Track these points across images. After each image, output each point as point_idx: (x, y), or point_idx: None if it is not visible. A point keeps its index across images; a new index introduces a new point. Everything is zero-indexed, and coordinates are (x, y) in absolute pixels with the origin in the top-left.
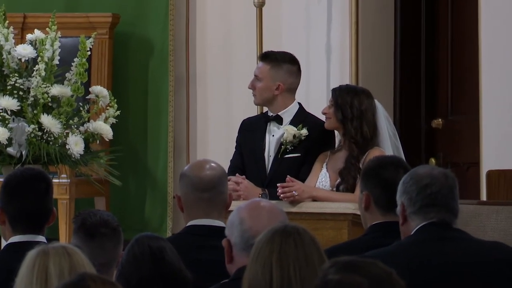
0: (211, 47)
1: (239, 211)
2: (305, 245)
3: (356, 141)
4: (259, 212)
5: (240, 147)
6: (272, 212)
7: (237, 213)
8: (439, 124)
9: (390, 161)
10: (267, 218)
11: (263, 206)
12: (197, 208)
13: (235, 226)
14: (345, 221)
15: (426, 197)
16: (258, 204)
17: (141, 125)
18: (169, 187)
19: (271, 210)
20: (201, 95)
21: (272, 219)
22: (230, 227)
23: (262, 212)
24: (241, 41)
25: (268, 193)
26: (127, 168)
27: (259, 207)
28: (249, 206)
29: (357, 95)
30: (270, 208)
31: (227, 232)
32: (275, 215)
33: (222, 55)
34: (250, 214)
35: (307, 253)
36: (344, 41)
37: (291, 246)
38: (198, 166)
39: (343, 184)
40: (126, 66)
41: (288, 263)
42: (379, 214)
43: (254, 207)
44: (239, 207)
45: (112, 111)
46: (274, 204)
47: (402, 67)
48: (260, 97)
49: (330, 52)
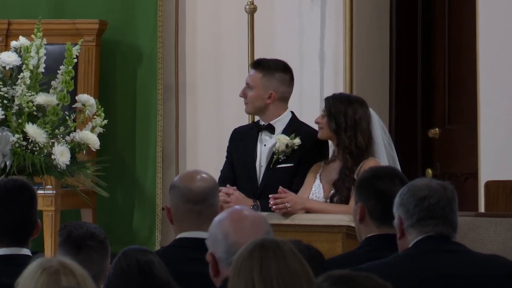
0: (201, 55)
1: (222, 224)
2: (286, 258)
3: (350, 152)
4: (243, 224)
5: (231, 157)
6: (256, 223)
7: (219, 226)
8: (436, 133)
9: (386, 171)
10: (251, 230)
11: (246, 216)
12: (187, 221)
13: (219, 241)
14: (339, 234)
15: (424, 209)
16: (240, 215)
17: (129, 134)
18: (158, 199)
19: (254, 220)
20: (191, 103)
21: (256, 229)
22: (213, 241)
23: (246, 224)
24: (232, 48)
25: (259, 205)
26: (115, 179)
27: (241, 218)
28: (232, 218)
29: (351, 104)
30: (253, 218)
31: (210, 245)
32: (259, 225)
33: (212, 63)
34: (234, 228)
35: (289, 265)
36: (338, 48)
37: (271, 260)
38: (189, 177)
39: (337, 195)
40: (114, 74)
41: (270, 277)
42: (374, 226)
43: (236, 219)
44: (220, 219)
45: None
46: (256, 213)
47: (397, 75)
48: (252, 106)
49: (324, 59)
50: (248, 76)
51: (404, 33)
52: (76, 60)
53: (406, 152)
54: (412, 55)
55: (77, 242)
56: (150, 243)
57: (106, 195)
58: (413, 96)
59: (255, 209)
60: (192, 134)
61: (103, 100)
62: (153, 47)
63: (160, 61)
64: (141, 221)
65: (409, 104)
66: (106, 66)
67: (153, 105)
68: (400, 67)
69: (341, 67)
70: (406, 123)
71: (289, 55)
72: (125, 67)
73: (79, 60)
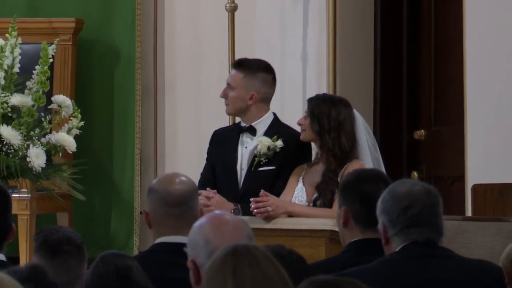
0: (181, 54)
1: (202, 229)
2: (260, 264)
3: (334, 154)
4: (224, 229)
5: (211, 159)
6: (237, 227)
7: (199, 231)
8: (421, 135)
9: (370, 174)
10: (232, 234)
11: (227, 221)
12: (166, 225)
13: (200, 247)
14: (322, 238)
15: (407, 219)
16: (221, 220)
17: (106, 136)
18: (136, 202)
19: (235, 225)
20: (170, 104)
21: (237, 234)
22: (193, 248)
23: (227, 229)
24: (213, 47)
25: (240, 209)
26: (92, 182)
27: (222, 223)
28: (212, 223)
29: (335, 105)
30: (234, 223)
31: (190, 252)
32: (241, 230)
33: (192, 63)
34: (215, 233)
35: (264, 271)
36: (321, 48)
37: (245, 267)
38: (168, 180)
39: (320, 199)
40: (91, 74)
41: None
42: (358, 230)
43: (217, 224)
44: (200, 224)
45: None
46: (237, 218)
47: (382, 75)
48: (233, 107)
49: (306, 59)
50: (229, 76)
51: (389, 32)
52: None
53: (391, 154)
54: (397, 55)
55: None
56: (128, 248)
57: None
58: (398, 97)
59: (236, 213)
60: (171, 135)
61: (79, 101)
62: (131, 47)
63: (138, 61)
64: (119, 225)
65: (394, 105)
66: (83, 66)
67: (131, 106)
68: (385, 66)
69: (324, 66)
70: (391, 124)
71: (271, 54)
72: (102, 67)
73: (55, 60)
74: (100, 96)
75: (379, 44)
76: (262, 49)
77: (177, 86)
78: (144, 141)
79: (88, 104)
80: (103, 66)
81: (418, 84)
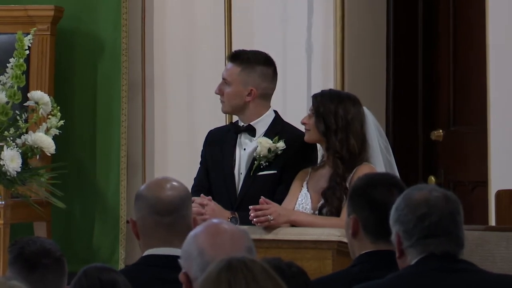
0: (172, 46)
1: (196, 239)
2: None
3: (341, 156)
4: (221, 239)
5: (205, 162)
6: (236, 238)
7: (194, 241)
8: (439, 136)
9: (382, 179)
10: (230, 245)
11: (224, 230)
12: (155, 235)
13: (193, 258)
14: (329, 250)
15: (424, 229)
16: (217, 228)
17: (89, 137)
18: (121, 210)
19: (234, 235)
20: (160, 102)
21: (236, 245)
22: (187, 259)
23: (224, 239)
24: (207, 38)
25: (238, 217)
26: (73, 188)
27: (219, 232)
28: (208, 232)
29: (342, 102)
30: (233, 232)
31: (183, 264)
32: (239, 241)
33: (184, 55)
34: (211, 243)
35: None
36: (328, 39)
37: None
38: (157, 186)
39: (326, 206)
40: (71, 68)
41: None
42: (369, 241)
43: (213, 233)
44: (195, 233)
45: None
46: (236, 227)
47: (395, 69)
48: (229, 104)
49: (311, 51)
50: (224, 70)
51: (403, 21)
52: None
53: (406, 157)
54: (412, 46)
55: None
56: (113, 261)
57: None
58: (413, 93)
59: (233, 222)
60: (161, 136)
61: (59, 98)
62: (116, 37)
63: (124, 53)
64: (103, 236)
65: (408, 102)
66: (63, 58)
67: (116, 103)
68: (398, 59)
69: (331, 60)
70: (406, 124)
71: (272, 46)
72: (84, 60)
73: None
74: (82, 92)
75: (391, 35)
76: (261, 40)
77: (168, 81)
78: (131, 142)
79: (69, 101)
80: (85, 58)
81: (435, 80)
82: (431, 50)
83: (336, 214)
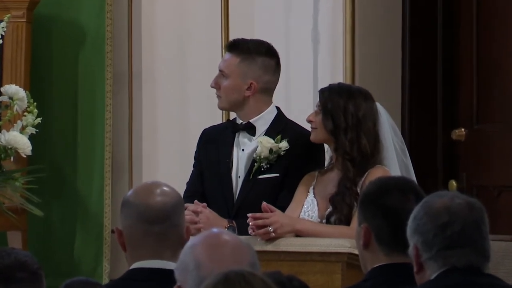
0: (162, 35)
1: (194, 249)
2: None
3: (352, 158)
4: (221, 252)
5: (199, 165)
6: (237, 250)
7: (191, 252)
8: (461, 135)
9: (397, 183)
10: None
11: (225, 242)
12: (144, 246)
13: (189, 271)
14: (338, 263)
15: (446, 238)
16: (218, 239)
17: (70, 136)
18: (106, 219)
19: (236, 247)
20: (149, 96)
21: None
22: (182, 272)
23: (225, 252)
24: (202, 26)
25: (236, 226)
26: (51, 193)
27: (219, 244)
28: (207, 243)
29: (353, 97)
30: (234, 244)
31: (178, 276)
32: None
33: (176, 45)
34: (210, 255)
35: None
36: (337, 27)
37: None
38: (146, 191)
39: (335, 214)
40: (50, 59)
41: None
42: (383, 253)
43: (213, 244)
44: (193, 243)
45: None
46: (237, 238)
47: (412, 61)
48: (227, 100)
49: (318, 40)
50: (222, 61)
51: (421, 8)
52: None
53: (424, 159)
54: (431, 36)
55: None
56: (96, 275)
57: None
58: (432, 88)
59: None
60: (150, 135)
61: (36, 93)
62: (100, 25)
63: (108, 42)
64: (85, 247)
65: (426, 98)
66: (40, 49)
67: (100, 98)
68: (415, 50)
69: (340, 50)
70: (423, 122)
71: (274, 35)
72: (64, 50)
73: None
74: (61, 87)
75: (407, 22)
76: (262, 28)
77: (158, 73)
78: (117, 142)
79: (47, 96)
80: (65, 48)
81: (457, 72)
82: (452, 40)
83: (346, 222)
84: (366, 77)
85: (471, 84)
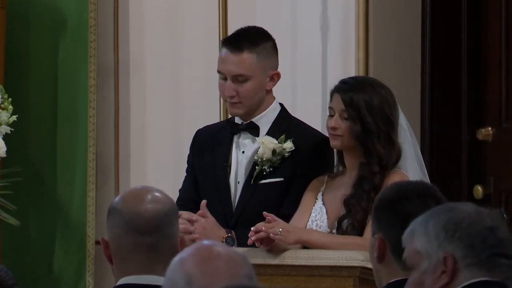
0: (152, 23)
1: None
2: None
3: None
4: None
5: (193, 170)
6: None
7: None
8: (488, 135)
9: (415, 189)
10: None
11: (218, 253)
12: (133, 259)
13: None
14: (350, 278)
15: (498, 244)
16: (210, 251)
17: (49, 136)
18: (89, 228)
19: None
20: (137, 92)
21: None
22: None
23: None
24: (196, 13)
25: (235, 237)
26: (28, 200)
27: (212, 256)
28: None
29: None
30: (229, 257)
31: None
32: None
33: (167, 35)
34: (201, 270)
35: None
36: (348, 14)
37: None
38: (135, 198)
39: (348, 218)
40: (26, 50)
41: None
42: (399, 267)
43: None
44: (182, 257)
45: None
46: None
47: (433, 53)
48: (250, 103)
49: (327, 29)
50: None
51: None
52: None
53: (446, 161)
54: (454, 25)
55: None
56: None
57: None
58: (455, 83)
59: (229, 243)
60: (138, 135)
61: (10, 87)
62: (83, 12)
63: (92, 30)
64: (66, 260)
65: (450, 94)
66: (15, 37)
67: (82, 93)
68: (436, 41)
69: (352, 40)
70: (446, 121)
71: (278, 23)
72: (41, 40)
73: None
74: (39, 80)
75: (428, 9)
76: (264, 15)
77: (147, 66)
78: (101, 142)
79: (23, 91)
80: (42, 37)
81: (483, 66)
82: (477, 30)
83: (359, 229)
84: (382, 70)
85: (499, 79)
